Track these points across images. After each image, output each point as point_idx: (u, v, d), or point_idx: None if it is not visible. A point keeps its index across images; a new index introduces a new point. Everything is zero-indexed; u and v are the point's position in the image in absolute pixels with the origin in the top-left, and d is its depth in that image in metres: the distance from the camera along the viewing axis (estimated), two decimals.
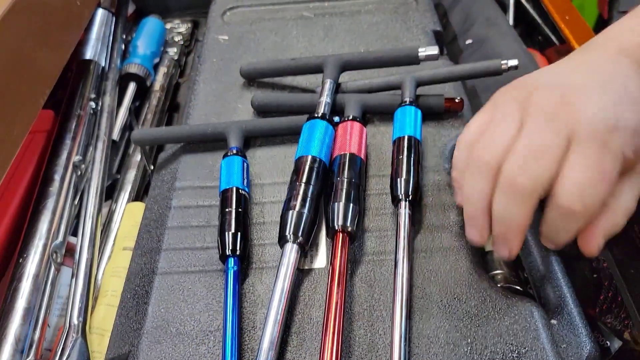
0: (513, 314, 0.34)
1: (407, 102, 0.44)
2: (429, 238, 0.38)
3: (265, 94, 0.52)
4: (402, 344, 0.31)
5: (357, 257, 0.38)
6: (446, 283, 0.36)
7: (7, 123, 0.41)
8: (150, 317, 0.36)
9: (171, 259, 0.39)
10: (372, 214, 0.40)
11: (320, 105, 0.44)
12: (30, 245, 0.43)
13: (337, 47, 0.56)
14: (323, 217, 0.39)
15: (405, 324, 0.32)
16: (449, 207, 0.40)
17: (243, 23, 0.61)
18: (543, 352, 0.32)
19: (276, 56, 0.56)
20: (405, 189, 0.38)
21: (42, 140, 0.53)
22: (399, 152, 0.40)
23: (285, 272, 0.34)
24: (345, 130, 0.43)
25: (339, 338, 0.31)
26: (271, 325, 0.32)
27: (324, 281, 0.36)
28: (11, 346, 0.37)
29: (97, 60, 0.60)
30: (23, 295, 0.40)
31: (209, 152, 0.47)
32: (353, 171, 0.39)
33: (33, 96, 0.45)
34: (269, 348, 0.31)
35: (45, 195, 0.46)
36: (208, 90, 0.53)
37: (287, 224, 0.36)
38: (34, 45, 0.46)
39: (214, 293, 0.37)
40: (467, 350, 0.32)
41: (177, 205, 0.43)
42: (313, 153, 0.40)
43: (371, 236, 0.39)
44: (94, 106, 0.56)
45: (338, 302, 0.32)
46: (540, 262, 0.38)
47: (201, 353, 0.34)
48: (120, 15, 0.68)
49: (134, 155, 0.56)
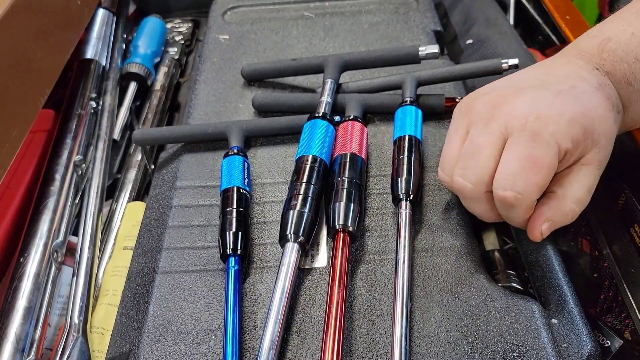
0: (514, 313, 0.34)
1: (408, 102, 0.44)
2: (429, 237, 0.38)
3: (266, 94, 0.52)
4: (403, 343, 0.31)
5: (357, 256, 0.38)
6: (447, 282, 0.36)
7: (7, 123, 0.41)
8: (151, 317, 0.36)
9: (172, 258, 0.39)
10: (372, 213, 0.40)
11: (321, 105, 0.44)
12: (31, 245, 0.43)
13: (338, 47, 0.56)
14: (324, 217, 0.39)
15: (405, 323, 0.32)
16: (450, 206, 0.40)
17: (244, 23, 0.61)
18: (543, 352, 0.32)
19: (277, 56, 0.56)
20: (406, 189, 0.38)
21: (42, 139, 0.53)
22: (400, 151, 0.40)
23: (286, 271, 0.34)
24: (346, 130, 0.43)
25: (340, 337, 0.31)
26: (272, 325, 0.32)
27: (324, 280, 0.36)
28: (12, 345, 0.37)
29: (98, 60, 0.60)
30: (24, 295, 0.40)
31: (210, 151, 0.47)
32: (354, 171, 0.39)
33: (33, 96, 0.45)
34: (270, 347, 0.31)
35: (46, 195, 0.46)
36: (209, 90, 0.53)
37: (288, 224, 0.36)
38: (34, 45, 0.46)
39: (215, 292, 0.37)
40: (467, 350, 0.32)
41: (178, 205, 0.43)
42: (314, 153, 0.40)
43: (372, 236, 0.39)
44: (94, 106, 0.56)
45: (339, 301, 0.32)
46: (541, 262, 0.38)
47: (202, 352, 0.34)
48: (121, 15, 0.68)
49: (134, 155, 0.56)
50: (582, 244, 0.47)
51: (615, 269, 0.39)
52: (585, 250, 0.46)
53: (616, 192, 0.42)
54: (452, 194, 0.41)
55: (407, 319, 0.32)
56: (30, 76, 0.45)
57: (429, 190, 0.41)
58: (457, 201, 0.40)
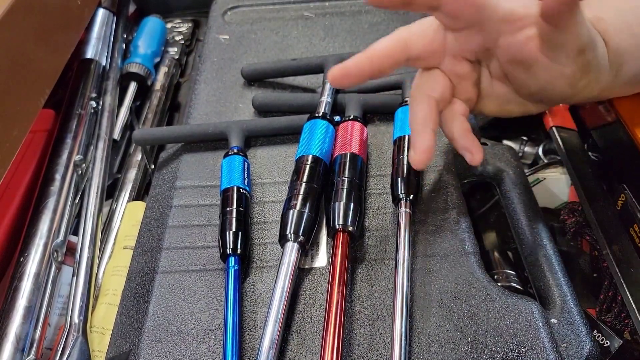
0: (513, 313, 0.34)
1: (408, 102, 0.44)
2: (429, 238, 0.38)
3: (266, 94, 0.52)
4: (403, 342, 0.31)
5: (357, 256, 0.38)
6: (446, 282, 0.36)
7: (7, 123, 0.41)
8: (151, 316, 0.36)
9: (172, 258, 0.39)
10: (372, 213, 0.40)
11: (321, 105, 0.44)
12: (31, 244, 0.43)
13: (338, 47, 0.56)
14: (324, 217, 0.39)
15: (405, 323, 0.32)
16: (449, 206, 0.40)
17: (244, 23, 0.61)
18: (543, 351, 0.32)
19: (277, 56, 0.56)
20: (406, 189, 0.38)
21: (42, 139, 0.53)
22: (400, 151, 0.40)
23: (286, 271, 0.34)
24: (346, 130, 0.43)
25: (339, 337, 0.31)
26: (272, 324, 0.32)
27: (324, 280, 0.37)
28: (12, 345, 0.37)
29: (98, 60, 0.60)
30: (24, 294, 0.40)
31: (210, 151, 0.47)
32: (354, 171, 0.39)
33: (33, 96, 0.45)
34: (270, 347, 0.31)
35: (46, 195, 0.46)
36: (209, 90, 0.53)
37: (288, 224, 0.36)
38: (34, 45, 0.46)
39: (215, 292, 0.37)
40: (467, 349, 0.32)
41: (178, 205, 0.43)
42: (314, 153, 0.40)
43: (371, 235, 0.39)
44: (94, 105, 0.56)
45: (339, 301, 0.32)
46: (541, 262, 0.38)
47: (202, 352, 0.34)
48: (121, 15, 0.68)
49: (134, 155, 0.56)
50: (581, 244, 0.47)
51: (614, 269, 0.39)
52: (584, 250, 0.46)
53: (616, 192, 0.42)
54: (452, 194, 0.41)
55: (407, 318, 0.32)
56: (31, 76, 0.45)
57: (429, 191, 0.41)
58: (457, 201, 0.40)
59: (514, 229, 0.41)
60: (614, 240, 0.40)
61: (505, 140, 0.53)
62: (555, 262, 0.38)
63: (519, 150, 0.53)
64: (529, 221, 0.41)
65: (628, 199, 0.41)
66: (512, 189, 0.43)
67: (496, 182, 0.45)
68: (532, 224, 0.41)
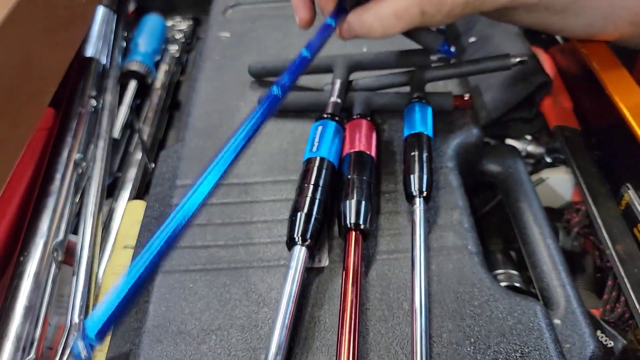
0: (516, 314, 0.33)
1: (417, 99, 0.43)
2: (432, 237, 0.38)
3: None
4: (424, 340, 0.31)
5: (370, 255, 0.37)
6: (449, 282, 0.35)
7: (14, 121, 0.40)
8: (151, 316, 0.35)
9: (172, 258, 0.39)
10: (383, 211, 0.40)
11: (330, 106, 0.44)
12: (31, 244, 0.43)
13: (340, 46, 0.56)
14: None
15: (425, 322, 0.31)
16: (453, 206, 0.40)
17: (245, 20, 0.61)
18: (546, 352, 0.32)
19: (278, 54, 0.56)
20: (420, 186, 0.37)
21: (42, 138, 0.52)
22: (411, 148, 0.40)
23: (294, 275, 0.33)
24: (355, 128, 0.42)
25: (355, 338, 0.30)
26: (279, 329, 0.31)
27: (324, 280, 0.36)
28: (12, 344, 0.37)
29: (98, 58, 0.60)
30: (24, 294, 0.40)
31: (211, 149, 0.46)
32: (364, 168, 0.39)
33: (39, 94, 0.44)
34: (277, 353, 0.30)
35: (46, 194, 0.46)
36: (209, 88, 0.53)
37: (296, 227, 0.35)
38: (41, 43, 0.45)
39: (215, 292, 0.37)
40: (470, 350, 0.32)
41: (178, 204, 0.42)
42: (322, 154, 0.39)
43: (383, 234, 0.38)
44: (94, 104, 0.56)
45: (353, 301, 0.32)
46: (544, 262, 0.38)
47: (202, 352, 0.33)
48: (122, 13, 0.68)
49: (134, 153, 0.56)
50: (585, 243, 0.47)
51: (618, 269, 0.39)
52: (588, 250, 0.46)
53: (619, 191, 0.42)
54: (455, 194, 0.40)
55: (426, 317, 0.32)
56: (37, 74, 0.44)
57: (433, 190, 0.41)
58: (460, 201, 0.40)
59: (518, 228, 0.41)
60: (618, 240, 0.40)
61: (509, 139, 0.53)
62: (558, 262, 0.38)
63: (522, 150, 0.52)
64: (532, 221, 0.40)
65: (632, 199, 0.40)
66: (516, 189, 0.43)
67: (499, 181, 0.45)
68: (535, 223, 0.40)
